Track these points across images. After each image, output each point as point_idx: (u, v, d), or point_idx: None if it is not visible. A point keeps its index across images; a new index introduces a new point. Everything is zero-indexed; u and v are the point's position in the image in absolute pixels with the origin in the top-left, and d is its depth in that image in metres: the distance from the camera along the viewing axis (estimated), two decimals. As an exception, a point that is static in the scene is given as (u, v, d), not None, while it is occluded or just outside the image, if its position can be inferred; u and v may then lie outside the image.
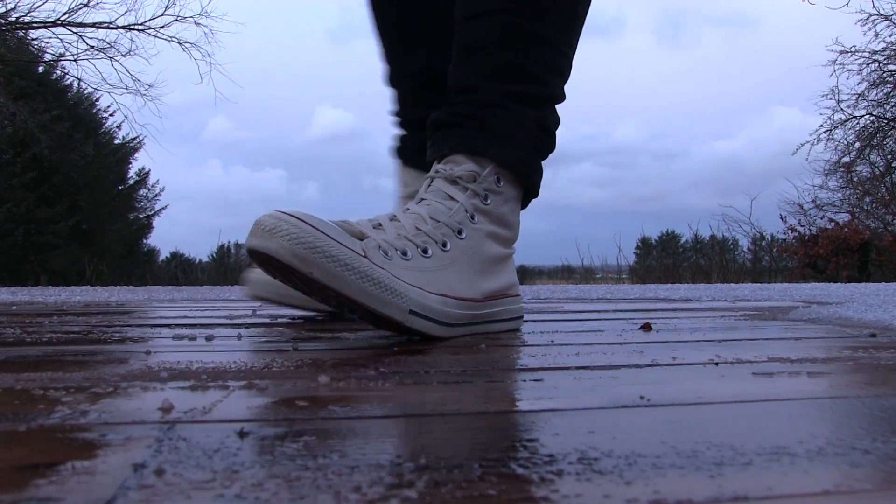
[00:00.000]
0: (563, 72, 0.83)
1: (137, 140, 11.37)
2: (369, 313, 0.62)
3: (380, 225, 0.69)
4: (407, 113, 0.99)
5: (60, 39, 8.59)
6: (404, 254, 0.66)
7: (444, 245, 0.70)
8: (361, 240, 0.64)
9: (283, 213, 0.60)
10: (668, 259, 8.83)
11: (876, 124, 9.69)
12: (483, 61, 0.80)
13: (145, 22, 8.40)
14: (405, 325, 0.63)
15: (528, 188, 0.82)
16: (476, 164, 0.76)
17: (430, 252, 0.69)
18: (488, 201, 0.76)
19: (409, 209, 0.73)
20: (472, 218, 0.75)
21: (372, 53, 1.00)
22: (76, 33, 8.25)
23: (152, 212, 12.17)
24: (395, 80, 0.99)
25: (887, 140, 9.81)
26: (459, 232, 0.73)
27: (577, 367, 0.49)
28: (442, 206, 0.74)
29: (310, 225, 0.59)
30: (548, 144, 0.83)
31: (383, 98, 1.01)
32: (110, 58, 8.26)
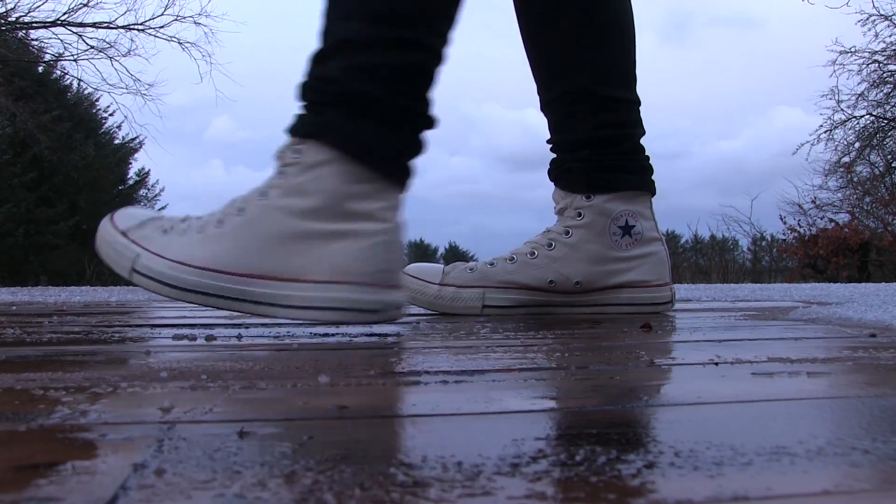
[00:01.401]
0: (363, 7, 0.73)
1: (137, 140, 11.38)
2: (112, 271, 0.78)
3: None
4: (552, 137, 1.12)
5: (60, 40, 8.59)
6: (182, 233, 0.75)
7: (221, 223, 0.74)
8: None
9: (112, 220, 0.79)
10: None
11: (876, 124, 9.69)
12: None
13: (145, 22, 8.40)
14: (132, 281, 0.76)
15: (350, 149, 0.72)
16: (287, 142, 0.78)
17: (206, 229, 0.74)
18: (284, 174, 0.74)
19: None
20: (265, 194, 0.74)
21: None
22: (76, 33, 8.25)
23: (152, 212, 12.18)
24: (543, 107, 1.11)
25: (887, 140, 9.81)
26: (241, 210, 0.74)
27: (577, 367, 0.49)
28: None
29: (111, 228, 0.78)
30: (334, 92, 0.73)
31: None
32: (110, 58, 8.27)
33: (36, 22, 8.29)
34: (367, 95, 0.72)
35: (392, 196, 0.74)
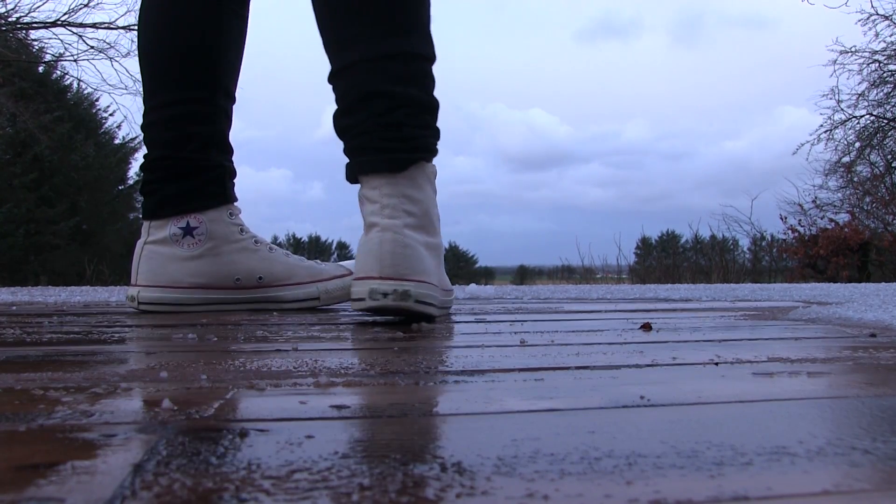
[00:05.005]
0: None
1: (137, 140, 11.38)
2: None
3: None
4: None
5: (61, 40, 8.57)
6: None
7: None
8: None
9: None
10: (668, 259, 8.82)
11: (876, 124, 9.68)
12: None
13: (146, 22, 8.36)
14: None
15: None
16: None
17: None
18: None
19: None
20: None
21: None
22: (76, 34, 8.23)
23: (152, 212, 12.17)
24: None
25: (887, 140, 9.80)
26: None
27: (578, 367, 0.49)
28: None
29: None
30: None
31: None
32: (110, 58, 8.25)
33: (36, 22, 8.28)
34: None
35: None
